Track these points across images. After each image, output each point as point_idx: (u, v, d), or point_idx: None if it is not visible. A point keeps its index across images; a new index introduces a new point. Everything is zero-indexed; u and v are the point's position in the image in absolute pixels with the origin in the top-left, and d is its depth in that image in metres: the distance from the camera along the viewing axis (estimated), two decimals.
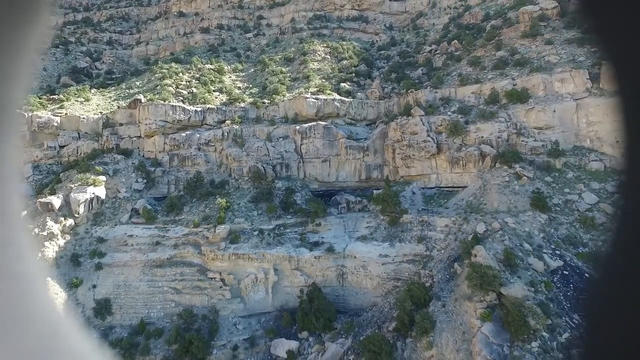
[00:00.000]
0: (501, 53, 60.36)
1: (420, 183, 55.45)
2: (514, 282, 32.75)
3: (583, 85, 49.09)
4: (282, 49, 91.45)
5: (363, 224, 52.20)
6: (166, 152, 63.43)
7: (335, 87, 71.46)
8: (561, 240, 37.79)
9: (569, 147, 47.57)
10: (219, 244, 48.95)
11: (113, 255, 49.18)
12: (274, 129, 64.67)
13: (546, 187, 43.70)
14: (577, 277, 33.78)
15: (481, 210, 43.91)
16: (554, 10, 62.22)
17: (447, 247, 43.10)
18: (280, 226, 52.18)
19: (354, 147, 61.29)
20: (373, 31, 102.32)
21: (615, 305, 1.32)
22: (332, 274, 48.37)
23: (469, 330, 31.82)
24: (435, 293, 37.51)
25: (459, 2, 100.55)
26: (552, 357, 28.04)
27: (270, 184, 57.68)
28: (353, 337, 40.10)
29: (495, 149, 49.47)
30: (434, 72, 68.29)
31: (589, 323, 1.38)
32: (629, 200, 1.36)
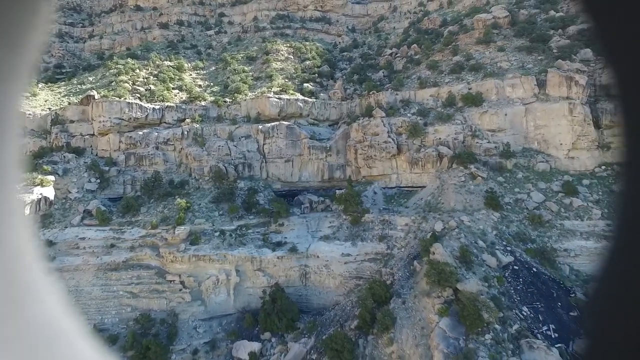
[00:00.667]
0: (457, 58, 62.79)
1: (382, 183, 56.61)
2: (469, 277, 34.15)
3: (531, 91, 52.04)
4: (244, 48, 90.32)
5: (326, 223, 52.59)
6: (122, 151, 60.88)
7: (298, 87, 71.51)
8: (512, 237, 39.90)
9: (519, 148, 50.28)
10: (178, 246, 47.61)
11: (63, 259, 46.55)
12: (236, 128, 63.75)
13: (498, 186, 45.95)
14: (526, 271, 35.77)
15: (439, 209, 45.47)
16: (506, 19, 65.54)
17: (407, 246, 44.29)
18: (242, 227, 51.52)
19: (317, 147, 61.60)
20: (336, 33, 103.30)
21: (616, 304, 1.35)
22: (295, 274, 48.36)
23: (428, 326, 32.86)
24: (395, 290, 38.44)
25: (419, 8, 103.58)
26: (503, 348, 29.51)
27: (232, 184, 56.81)
28: (316, 336, 40.30)
29: (452, 150, 51.40)
30: (394, 75, 69.93)
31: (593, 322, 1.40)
32: (629, 203, 1.39)
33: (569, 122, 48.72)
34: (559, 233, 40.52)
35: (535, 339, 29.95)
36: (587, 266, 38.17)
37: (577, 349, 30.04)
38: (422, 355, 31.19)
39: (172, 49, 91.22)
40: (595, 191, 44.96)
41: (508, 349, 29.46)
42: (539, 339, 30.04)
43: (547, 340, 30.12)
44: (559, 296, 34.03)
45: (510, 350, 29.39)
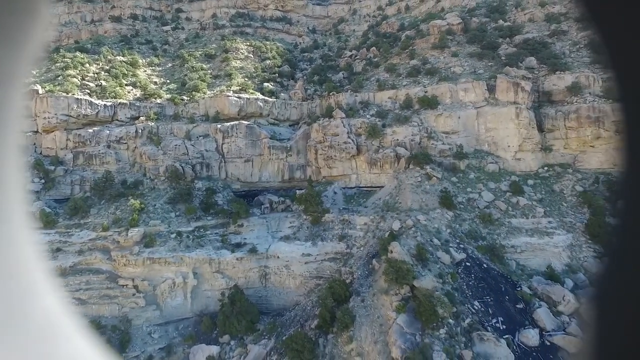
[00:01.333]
0: (414, 62, 64.77)
1: (342, 183, 57.27)
2: (425, 275, 35.31)
3: (482, 95, 54.67)
4: (202, 45, 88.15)
5: (286, 224, 52.45)
6: (69, 150, 57.53)
7: (258, 86, 70.82)
8: (464, 234, 41.71)
9: (471, 150, 52.65)
10: (131, 249, 45.67)
11: None
12: (193, 127, 62.12)
13: (452, 186, 47.86)
14: (477, 267, 37.52)
15: (397, 208, 46.66)
16: (459, 26, 68.42)
17: (366, 245, 45.09)
18: (200, 228, 50.28)
19: (277, 147, 61.30)
20: (296, 33, 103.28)
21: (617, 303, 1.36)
22: (254, 275, 47.85)
23: (386, 323, 33.62)
24: (355, 289, 39.02)
25: (377, 12, 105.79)
26: (456, 341, 30.78)
27: (189, 184, 55.29)
28: (276, 338, 40.09)
29: (409, 151, 52.93)
30: (354, 77, 71.00)
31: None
32: (629, 207, 1.38)
33: (515, 126, 51.63)
34: (506, 230, 42.83)
35: (485, 331, 31.49)
36: (531, 261, 40.63)
37: (523, 340, 31.90)
38: (381, 352, 31.88)
39: (126, 44, 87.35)
40: (539, 190, 47.97)
41: (461, 342, 30.77)
42: (488, 331, 31.60)
43: (496, 332, 31.75)
44: (507, 290, 35.98)
45: (463, 343, 30.71)
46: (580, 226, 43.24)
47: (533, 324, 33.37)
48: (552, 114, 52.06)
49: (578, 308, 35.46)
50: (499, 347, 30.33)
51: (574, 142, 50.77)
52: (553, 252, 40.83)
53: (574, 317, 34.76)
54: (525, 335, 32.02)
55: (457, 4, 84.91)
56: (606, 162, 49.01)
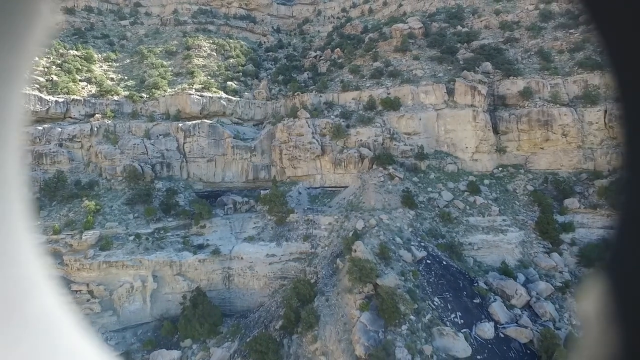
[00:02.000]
0: (377, 64, 65.96)
1: (306, 183, 57.40)
2: (387, 273, 36.07)
3: (442, 98, 56.56)
4: (163, 41, 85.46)
5: (250, 224, 51.91)
6: None
7: (221, 85, 69.59)
8: (425, 233, 42.99)
9: (432, 151, 54.34)
10: (85, 252, 43.58)
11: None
12: (153, 126, 60.14)
13: (414, 186, 49.20)
14: (437, 264, 38.78)
15: (360, 208, 47.34)
16: (420, 30, 70.40)
17: (330, 244, 45.44)
18: (160, 229, 48.77)
19: (241, 147, 60.53)
20: (261, 32, 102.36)
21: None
22: (217, 277, 47.01)
23: (350, 321, 34.05)
24: (319, 288, 39.25)
25: (342, 14, 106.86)
26: (417, 337, 31.70)
27: (148, 184, 53.48)
28: (240, 340, 39.59)
29: (372, 152, 53.86)
30: (319, 77, 71.34)
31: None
32: (630, 207, 1.40)
33: (473, 128, 53.81)
34: (464, 228, 44.56)
35: (444, 326, 32.63)
36: (487, 257, 42.51)
37: (479, 333, 33.32)
38: (345, 350, 32.25)
39: (80, 38, 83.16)
40: (494, 190, 50.27)
41: (422, 337, 31.71)
42: (447, 326, 32.77)
43: (454, 327, 32.98)
44: (465, 286, 37.45)
45: (424, 338, 31.67)
46: (531, 224, 45.69)
47: (489, 317, 34.92)
48: (506, 117, 54.70)
49: (529, 301, 37.49)
50: (457, 341, 31.53)
51: (525, 144, 53.58)
52: (507, 248, 42.91)
53: (525, 310, 36.73)
54: (481, 329, 33.46)
55: (418, 8, 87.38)
56: (554, 162, 52.13)
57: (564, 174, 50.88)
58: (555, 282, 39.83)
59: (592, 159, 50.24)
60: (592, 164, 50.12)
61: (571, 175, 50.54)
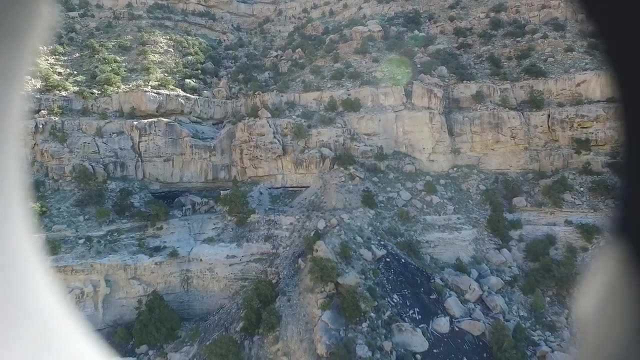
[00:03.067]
0: (338, 65, 66.71)
1: (268, 183, 57.04)
2: (348, 272, 36.60)
3: (400, 100, 58.14)
4: (116, 36, 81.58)
5: (210, 225, 50.84)
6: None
7: (179, 82, 67.59)
8: (384, 232, 44.04)
9: (391, 151, 55.73)
10: None
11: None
12: (105, 124, 57.39)
13: (374, 186, 50.24)
14: (396, 262, 39.88)
15: (322, 208, 47.71)
16: (379, 33, 71.95)
17: (292, 244, 45.46)
18: (113, 232, 46.66)
19: (199, 146, 59.12)
20: (220, 30, 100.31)
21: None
22: (175, 280, 45.67)
23: (312, 320, 34.26)
24: (281, 289, 39.16)
25: (303, 14, 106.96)
26: (377, 334, 32.46)
27: (100, 185, 51.01)
28: (199, 343, 38.70)
29: (333, 152, 54.43)
30: (280, 77, 71.06)
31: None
32: (629, 208, 1.40)
33: (429, 129, 55.75)
34: (422, 227, 46.10)
35: (403, 322, 33.63)
36: (443, 255, 44.22)
37: (436, 327, 34.63)
38: (307, 350, 32.42)
39: None
40: (449, 189, 52.38)
41: (382, 334, 32.50)
42: (406, 322, 33.80)
43: (412, 322, 34.08)
44: (422, 283, 38.77)
45: (384, 334, 32.48)
46: (483, 221, 48.05)
47: (444, 312, 36.37)
48: (460, 119, 57.15)
49: (481, 295, 39.43)
50: (415, 336, 32.61)
51: (478, 145, 56.23)
52: (461, 245, 44.86)
53: (478, 304, 38.60)
54: (438, 323, 34.80)
55: (378, 12, 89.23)
56: (504, 163, 55.12)
57: (513, 174, 53.90)
58: (505, 277, 42.16)
59: (537, 160, 53.61)
60: (537, 165, 53.47)
61: (519, 175, 53.64)
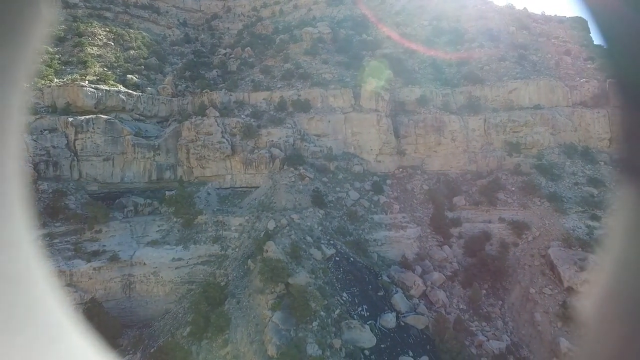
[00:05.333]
0: (288, 65, 66.81)
1: (216, 184, 55.80)
2: (299, 271, 36.86)
3: (349, 102, 59.44)
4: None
5: (154, 227, 48.78)
6: None
7: (120, 78, 64.10)
8: (334, 231, 44.84)
9: (340, 152, 56.81)
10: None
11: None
12: (36, 120, 53.01)
13: (323, 186, 50.95)
14: (345, 261, 40.76)
15: (272, 208, 47.57)
16: (329, 35, 73.06)
17: (241, 246, 44.88)
18: (45, 236, 43.26)
19: (143, 145, 56.47)
20: (165, 24, 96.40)
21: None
22: (116, 286, 43.32)
23: (262, 322, 34.07)
24: (230, 291, 38.56)
25: (252, 12, 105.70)
26: (327, 332, 32.98)
27: (30, 185, 47.07)
28: (142, 351, 37.07)
29: (283, 152, 54.43)
30: (228, 76, 69.79)
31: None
32: (629, 206, 1.42)
33: (377, 131, 57.53)
34: (369, 226, 47.48)
35: (352, 319, 34.46)
36: (389, 252, 45.86)
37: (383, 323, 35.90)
38: (257, 351, 32.19)
39: None
40: (395, 189, 54.41)
41: (332, 332, 33.07)
42: (355, 319, 34.67)
43: (361, 319, 35.02)
44: (370, 280, 39.97)
45: (333, 332, 33.07)
46: (426, 220, 50.44)
47: (391, 308, 37.77)
48: (406, 122, 59.53)
49: (425, 290, 41.44)
50: (364, 333, 33.57)
51: (422, 147, 58.92)
52: (406, 243, 46.78)
53: (422, 299, 40.52)
54: (385, 319, 36.07)
55: (327, 14, 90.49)
56: (445, 164, 58.23)
57: (453, 174, 57.10)
58: (446, 272, 44.58)
59: (475, 161, 57.23)
60: (474, 166, 57.08)
61: (459, 175, 56.93)
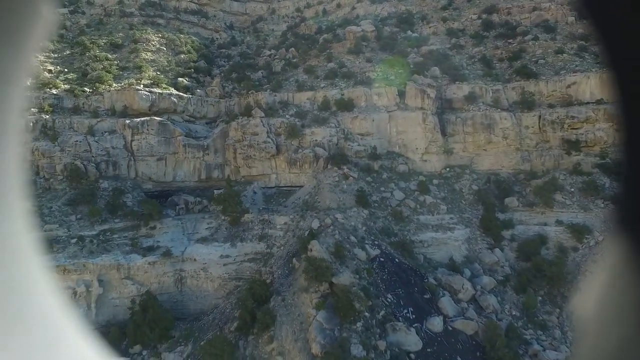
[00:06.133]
0: (332, 65, 66.80)
1: (261, 183, 56.97)
2: (342, 271, 36.80)
3: (393, 100, 58.43)
4: (107, 33, 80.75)
5: (203, 225, 50.67)
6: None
7: (172, 81, 67.12)
8: (378, 231, 44.30)
9: (384, 151, 56.00)
10: None
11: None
12: (97, 122, 56.82)
13: (367, 186, 50.47)
14: (390, 262, 40.16)
15: (316, 207, 47.81)
16: (373, 33, 72.18)
17: (286, 244, 45.51)
18: (106, 231, 46.27)
19: (193, 145, 58.81)
20: (213, 28, 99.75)
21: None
22: (169, 280, 45.45)
23: (306, 320, 34.38)
24: (275, 289, 39.23)
25: (296, 13, 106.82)
26: (372, 333, 32.71)
27: (92, 184, 50.55)
28: (193, 343, 38.61)
29: (327, 152, 54.54)
30: (273, 76, 70.92)
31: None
32: (628, 208, 1.41)
33: (422, 130, 56.13)
34: (415, 227, 46.45)
35: (397, 321, 33.92)
36: (436, 254, 44.63)
37: (429, 327, 34.98)
38: (301, 349, 32.54)
39: None
40: (442, 189, 52.82)
41: (376, 333, 32.75)
42: (400, 321, 34.09)
43: (406, 322, 34.38)
44: (416, 282, 39.11)
45: (378, 334, 32.74)
46: (475, 221, 48.56)
47: (438, 311, 36.74)
48: (453, 120, 57.62)
49: (474, 295, 39.90)
50: (410, 335, 32.92)
51: (470, 145, 56.76)
52: (454, 245, 45.30)
53: (471, 303, 39.05)
54: (432, 323, 35.15)
55: (371, 12, 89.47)
56: (495, 163, 55.74)
57: (505, 174, 54.52)
58: (497, 276, 42.68)
59: (529, 160, 54.30)
60: (528, 165, 54.17)
61: (510, 175, 54.28)
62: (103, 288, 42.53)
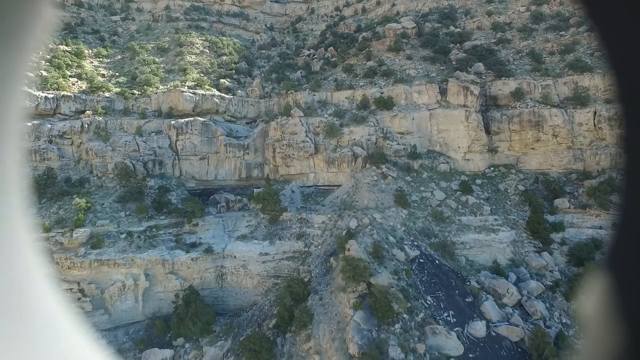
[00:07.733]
0: (371, 63, 66.09)
1: (300, 182, 57.37)
2: (381, 272, 36.25)
3: (435, 98, 56.89)
4: (155, 38, 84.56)
5: (243, 222, 51.76)
6: None
7: (214, 82, 69.13)
8: (418, 232, 43.26)
9: (424, 150, 54.65)
10: (76, 250, 43.09)
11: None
12: (145, 123, 59.56)
13: (406, 185, 49.45)
14: (430, 263, 39.11)
15: (354, 207, 47.47)
16: (413, 30, 70.69)
17: (323, 243, 45.52)
18: (152, 228, 48.39)
19: (234, 145, 60.26)
20: (254, 30, 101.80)
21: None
22: (210, 276, 46.83)
23: (343, 320, 34.19)
24: (313, 287, 39.32)
25: (335, 12, 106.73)
26: (411, 335, 31.95)
27: (140, 182, 53.00)
28: (233, 338, 39.52)
29: (365, 151, 54.01)
30: (312, 76, 71.24)
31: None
32: (630, 206, 1.38)
33: (465, 128, 54.22)
34: (457, 228, 44.94)
35: (437, 325, 32.92)
36: (479, 256, 42.95)
37: (471, 331, 33.68)
38: (338, 349, 32.39)
39: (70, 33, 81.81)
40: (486, 189, 50.76)
41: (415, 336, 31.97)
42: (440, 324, 33.08)
43: (447, 325, 33.30)
44: (457, 285, 37.82)
45: (417, 337, 31.93)
46: (522, 223, 46.27)
47: (480, 316, 35.32)
48: (498, 117, 55.23)
49: (520, 300, 38.00)
50: (450, 340, 31.85)
51: (517, 144, 54.17)
52: (498, 247, 43.41)
53: (517, 309, 37.22)
54: (474, 327, 33.83)
55: (412, 8, 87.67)
56: (544, 163, 52.81)
57: (554, 174, 51.56)
58: (546, 281, 40.44)
59: (582, 159, 50.98)
60: (581, 165, 50.87)
61: (561, 175, 51.25)
62: (149, 282, 44.50)
